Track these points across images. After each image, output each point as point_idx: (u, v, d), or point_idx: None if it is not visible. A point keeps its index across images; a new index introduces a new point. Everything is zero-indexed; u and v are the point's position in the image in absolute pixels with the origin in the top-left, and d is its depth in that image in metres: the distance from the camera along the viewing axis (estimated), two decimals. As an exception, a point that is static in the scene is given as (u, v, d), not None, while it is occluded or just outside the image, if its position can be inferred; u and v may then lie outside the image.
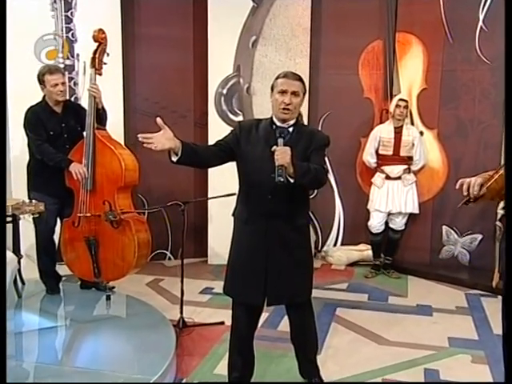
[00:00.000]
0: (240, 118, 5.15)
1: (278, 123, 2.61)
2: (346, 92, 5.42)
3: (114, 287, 4.07)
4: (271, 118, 2.65)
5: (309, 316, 2.81)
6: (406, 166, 4.93)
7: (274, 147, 2.42)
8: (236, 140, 2.63)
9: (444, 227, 5.19)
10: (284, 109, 2.54)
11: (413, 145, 4.90)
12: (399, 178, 4.92)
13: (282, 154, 2.38)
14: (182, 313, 3.70)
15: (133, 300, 4.01)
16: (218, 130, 4.55)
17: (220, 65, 5.17)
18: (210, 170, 5.03)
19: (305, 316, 2.79)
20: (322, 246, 5.73)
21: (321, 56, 5.43)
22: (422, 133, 5.10)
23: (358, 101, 5.42)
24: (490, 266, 4.64)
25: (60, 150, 3.81)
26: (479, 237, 5.07)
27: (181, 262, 3.79)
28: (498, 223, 4.60)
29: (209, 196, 4.99)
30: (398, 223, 5.03)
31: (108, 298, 3.89)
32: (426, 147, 5.07)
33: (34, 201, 3.22)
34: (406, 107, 4.85)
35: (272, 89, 2.62)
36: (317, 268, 5.26)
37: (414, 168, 4.98)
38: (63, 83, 3.78)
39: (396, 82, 5.27)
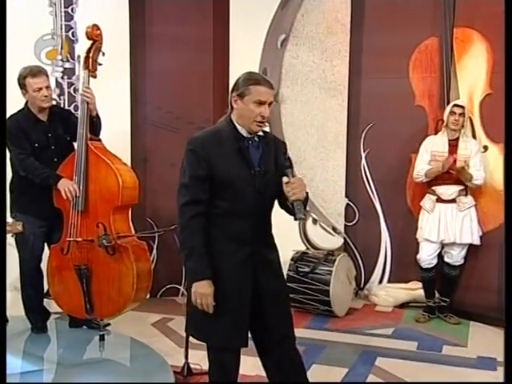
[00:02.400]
0: (266, 129, 5.09)
1: (245, 134, 2.59)
2: (394, 99, 5.33)
3: (109, 324, 4.05)
4: (232, 126, 2.59)
5: (298, 352, 2.77)
6: (462, 187, 4.74)
7: (286, 178, 2.45)
8: (206, 162, 2.51)
9: (514, 262, 4.97)
10: (261, 122, 2.55)
11: (470, 159, 4.74)
12: (454, 200, 4.75)
13: (300, 187, 2.44)
14: (186, 357, 3.62)
15: (131, 341, 4.00)
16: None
17: (244, 68, 4.99)
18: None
19: (296, 351, 2.75)
20: (365, 284, 5.58)
21: (363, 57, 5.38)
22: (486, 147, 4.94)
23: (409, 109, 5.31)
24: None
25: (47, 165, 3.85)
26: (559, 274, 4.82)
27: (187, 297, 3.72)
28: None
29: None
30: (455, 257, 4.83)
31: (102, 338, 3.88)
32: (489, 164, 4.88)
33: (10, 219, 3.25)
34: (463, 115, 4.68)
35: (242, 95, 2.53)
36: (357, 309, 5.16)
37: (476, 181, 4.69)
38: (48, 87, 3.85)
39: (454, 86, 5.13)
